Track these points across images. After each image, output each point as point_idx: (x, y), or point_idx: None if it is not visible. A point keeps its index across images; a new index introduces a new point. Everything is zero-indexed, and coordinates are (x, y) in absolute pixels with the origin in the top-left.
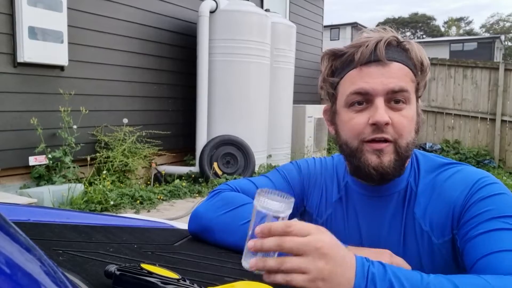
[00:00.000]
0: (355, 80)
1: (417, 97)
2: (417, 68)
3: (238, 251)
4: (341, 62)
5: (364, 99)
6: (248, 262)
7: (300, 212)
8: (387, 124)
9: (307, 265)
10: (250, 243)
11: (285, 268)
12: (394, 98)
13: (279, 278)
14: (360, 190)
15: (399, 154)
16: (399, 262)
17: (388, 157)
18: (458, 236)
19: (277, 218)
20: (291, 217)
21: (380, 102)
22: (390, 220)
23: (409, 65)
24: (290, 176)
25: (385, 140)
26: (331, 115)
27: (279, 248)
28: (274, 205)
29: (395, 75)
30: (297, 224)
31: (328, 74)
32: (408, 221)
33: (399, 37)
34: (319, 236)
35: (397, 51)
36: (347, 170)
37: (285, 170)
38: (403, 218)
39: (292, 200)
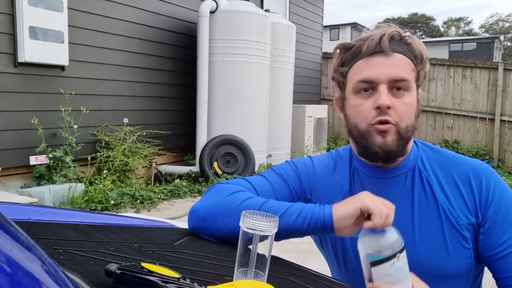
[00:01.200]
0: (362, 69)
1: (417, 86)
2: (417, 60)
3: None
4: (350, 54)
5: (369, 87)
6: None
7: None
8: (389, 107)
9: None
10: None
11: None
12: (396, 85)
13: None
14: (369, 172)
15: (401, 134)
16: None
17: (390, 137)
18: (482, 234)
19: (265, 237)
20: None
21: (383, 88)
22: (400, 199)
23: (410, 57)
24: (286, 175)
25: (388, 122)
26: (341, 102)
27: None
28: (260, 225)
29: (398, 65)
30: None
31: (338, 65)
32: (422, 200)
33: (402, 32)
34: None
35: (400, 44)
36: (353, 155)
37: (280, 168)
38: (414, 197)
39: (277, 219)
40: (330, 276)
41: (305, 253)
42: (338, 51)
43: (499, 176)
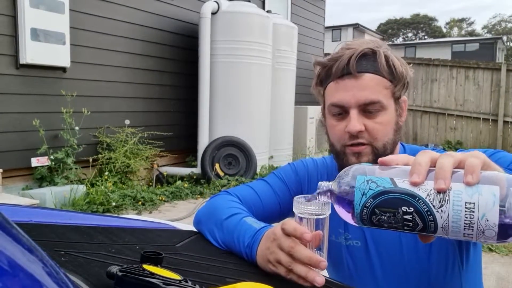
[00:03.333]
0: (332, 93)
1: (396, 99)
2: (390, 75)
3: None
4: (324, 73)
5: (341, 110)
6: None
7: None
8: (360, 131)
9: None
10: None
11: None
12: (366, 109)
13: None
14: None
15: (377, 154)
16: None
17: (366, 158)
18: None
19: (319, 220)
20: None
21: (353, 113)
22: None
23: (383, 73)
24: (287, 178)
25: (362, 144)
26: (323, 117)
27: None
28: (312, 209)
29: (367, 86)
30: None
31: (317, 83)
32: None
33: (373, 47)
34: None
35: (370, 61)
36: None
37: (282, 172)
38: None
39: (327, 202)
40: (329, 277)
41: None
42: (316, 67)
43: None
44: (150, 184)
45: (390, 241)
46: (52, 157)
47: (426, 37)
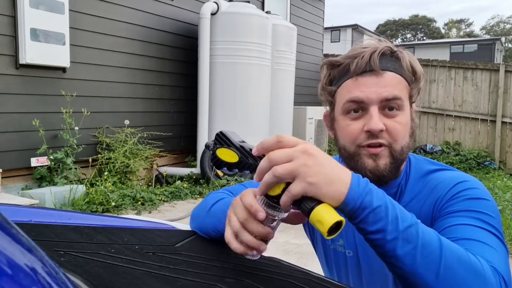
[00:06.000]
0: (351, 89)
1: (411, 103)
2: (409, 76)
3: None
4: (338, 72)
5: (359, 107)
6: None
7: None
8: (381, 131)
9: (295, 167)
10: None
11: (277, 174)
12: (388, 105)
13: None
14: None
15: (394, 157)
16: None
17: (383, 161)
18: (434, 227)
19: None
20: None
21: (374, 110)
22: None
23: (402, 74)
24: None
25: (380, 145)
26: (330, 121)
27: (272, 169)
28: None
29: (389, 83)
30: (286, 136)
31: (326, 83)
32: None
33: (393, 47)
34: (306, 144)
35: (391, 60)
36: None
37: None
38: None
39: None
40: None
41: (306, 255)
42: (325, 67)
43: (482, 194)
44: (150, 184)
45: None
46: (51, 157)
47: (424, 38)
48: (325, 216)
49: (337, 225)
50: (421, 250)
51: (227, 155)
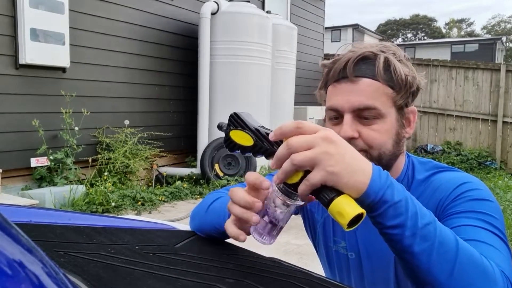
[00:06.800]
0: (330, 96)
1: (398, 108)
2: (395, 81)
3: (234, 248)
4: (326, 75)
5: (337, 114)
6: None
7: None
8: (352, 138)
9: (315, 155)
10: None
11: (296, 162)
12: (361, 115)
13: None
14: None
15: (374, 162)
16: None
17: None
18: None
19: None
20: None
21: (347, 118)
22: None
23: (384, 80)
24: None
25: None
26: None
27: (291, 156)
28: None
29: (364, 92)
30: (306, 122)
31: (321, 86)
32: None
33: (376, 51)
34: (327, 131)
35: (370, 66)
36: None
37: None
38: None
39: None
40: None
41: (307, 255)
42: (322, 69)
43: (485, 195)
44: (150, 184)
45: (382, 256)
46: (51, 157)
47: (425, 37)
48: (346, 208)
49: (358, 217)
50: (437, 248)
51: (242, 138)
